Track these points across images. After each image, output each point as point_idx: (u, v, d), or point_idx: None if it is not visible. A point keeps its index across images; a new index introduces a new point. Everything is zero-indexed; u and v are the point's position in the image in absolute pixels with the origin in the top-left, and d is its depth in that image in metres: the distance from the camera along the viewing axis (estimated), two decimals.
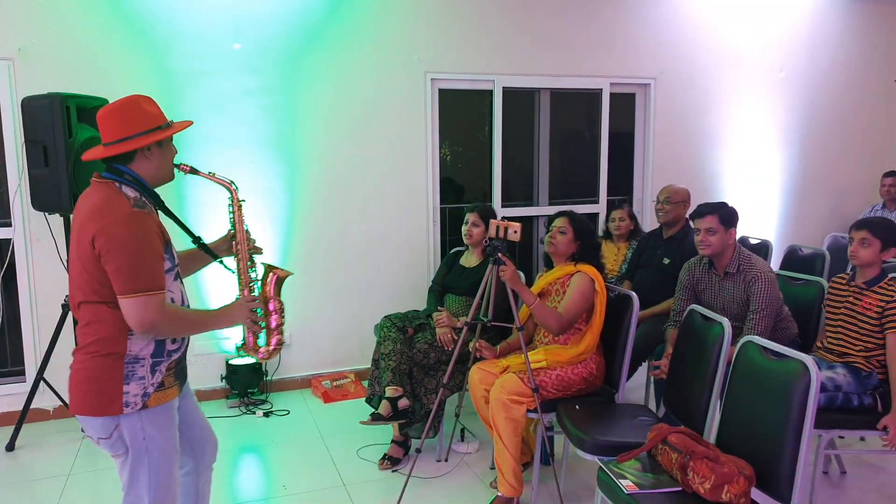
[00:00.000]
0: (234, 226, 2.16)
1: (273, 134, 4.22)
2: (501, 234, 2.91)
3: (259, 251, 2.22)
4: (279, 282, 2.18)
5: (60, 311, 3.63)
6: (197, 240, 2.16)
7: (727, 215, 3.14)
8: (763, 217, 5.64)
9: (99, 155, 1.90)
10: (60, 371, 3.82)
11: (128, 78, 3.89)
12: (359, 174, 4.42)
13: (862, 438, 3.51)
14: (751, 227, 5.32)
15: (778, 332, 3.12)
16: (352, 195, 4.43)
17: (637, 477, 2.21)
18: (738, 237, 4.79)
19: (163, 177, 1.99)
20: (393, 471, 3.32)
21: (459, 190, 5.01)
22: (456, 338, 3.42)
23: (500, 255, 2.91)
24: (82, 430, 3.77)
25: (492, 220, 2.99)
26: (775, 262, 4.70)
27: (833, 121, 5.79)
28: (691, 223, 3.24)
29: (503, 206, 4.85)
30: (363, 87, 4.37)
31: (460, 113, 4.94)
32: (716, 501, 2.07)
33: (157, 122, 1.91)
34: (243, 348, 2.16)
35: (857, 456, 3.41)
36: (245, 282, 2.14)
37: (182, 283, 2.05)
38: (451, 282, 3.75)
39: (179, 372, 2.04)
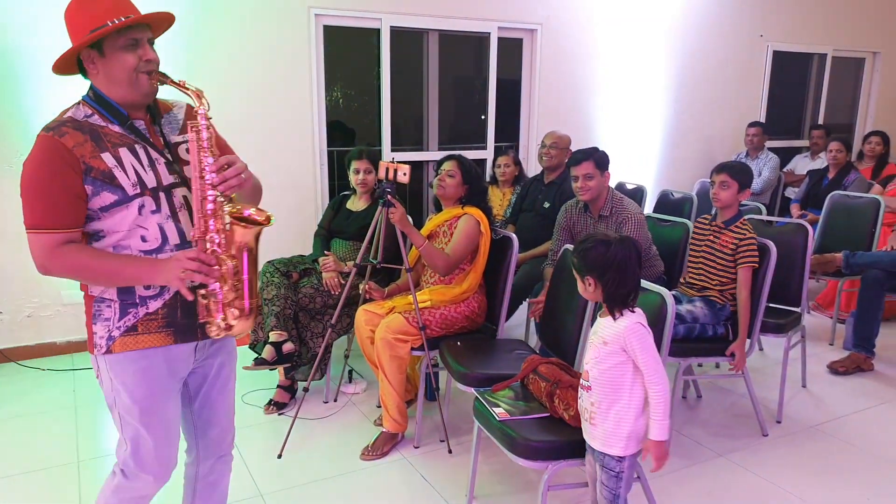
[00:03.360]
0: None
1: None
2: (391, 175, 2.92)
3: (230, 194, 1.64)
4: (240, 240, 1.63)
5: None
6: (171, 156, 1.72)
7: (601, 159, 3.29)
8: (640, 163, 5.94)
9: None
10: None
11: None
12: (238, 114, 4.24)
13: (717, 365, 3.88)
14: (628, 173, 5.60)
15: (646, 271, 3.34)
16: (230, 137, 4.19)
17: (509, 405, 2.34)
18: (615, 183, 5.06)
19: (124, 90, 1.61)
20: (279, 414, 3.33)
21: (351, 133, 4.93)
22: (343, 282, 3.43)
23: (389, 197, 2.93)
24: None
25: (381, 162, 2.99)
26: (649, 206, 5.00)
27: (706, 73, 6.12)
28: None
29: (393, 150, 4.83)
30: (241, 20, 4.15)
31: (350, 54, 4.82)
32: (579, 426, 2.23)
33: (93, 23, 1.54)
34: (202, 317, 1.68)
35: (712, 381, 3.75)
36: (200, 229, 1.62)
37: (172, 217, 1.66)
38: (337, 226, 3.72)
39: (172, 323, 1.70)
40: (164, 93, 1.73)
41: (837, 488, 2.73)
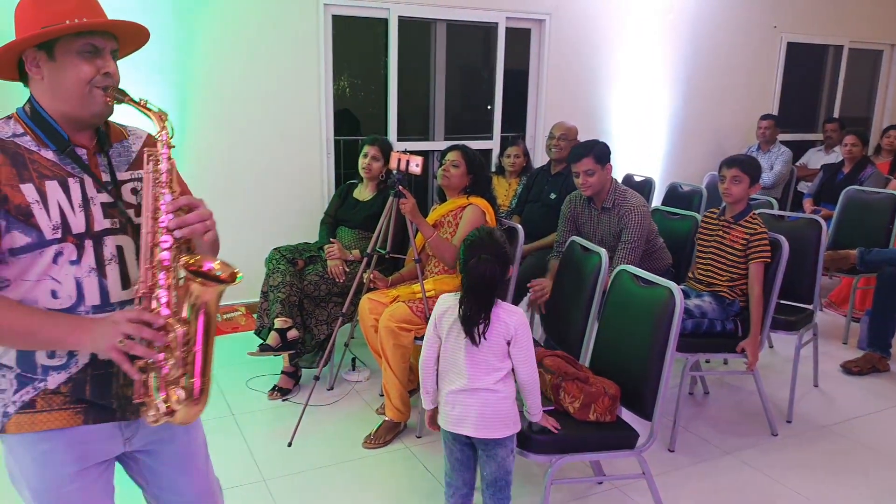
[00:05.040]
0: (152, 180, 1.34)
1: (157, 59, 3.92)
2: (402, 166, 2.89)
3: (189, 242, 1.36)
4: (197, 303, 1.30)
5: None
6: (116, 193, 1.40)
7: (601, 153, 3.22)
8: (648, 155, 5.87)
9: None
10: None
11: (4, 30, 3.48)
12: (248, 103, 4.21)
13: (725, 361, 3.82)
14: (636, 165, 5.53)
15: (653, 263, 3.29)
16: (241, 124, 4.23)
17: None
18: (623, 174, 5.01)
19: (70, 106, 1.32)
20: (283, 400, 3.32)
21: (356, 122, 4.90)
22: (347, 270, 3.42)
23: (400, 187, 2.90)
24: None
25: (393, 152, 2.98)
26: (657, 199, 4.94)
27: (717, 64, 6.03)
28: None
29: (399, 140, 4.79)
30: (252, 11, 4.12)
31: (358, 44, 4.78)
32: (584, 420, 2.20)
33: (48, 20, 1.26)
34: (138, 396, 1.33)
35: (720, 377, 3.70)
36: (147, 283, 1.31)
37: (97, 271, 1.34)
38: (343, 214, 3.71)
39: (82, 399, 1.36)
40: (123, 116, 1.48)
41: (848, 491, 2.68)
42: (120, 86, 1.36)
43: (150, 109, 1.35)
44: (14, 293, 1.31)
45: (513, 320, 1.98)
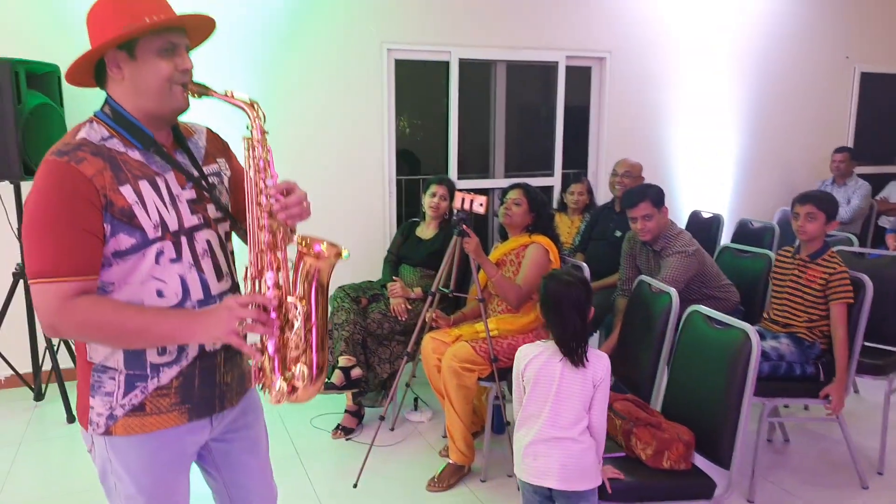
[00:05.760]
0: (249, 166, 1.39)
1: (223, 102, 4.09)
2: (467, 206, 2.92)
3: (291, 225, 1.42)
4: (310, 276, 1.38)
5: (11, 279, 3.55)
6: (207, 185, 1.45)
7: (656, 196, 3.14)
8: (716, 191, 5.71)
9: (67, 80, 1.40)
10: (10, 340, 3.69)
11: (84, 44, 3.72)
12: (313, 144, 4.33)
13: (806, 407, 3.62)
14: (704, 202, 5.40)
15: (719, 302, 3.17)
16: (305, 166, 4.34)
17: None
18: (690, 211, 4.89)
19: (153, 104, 1.35)
20: (346, 439, 3.32)
21: (416, 162, 4.97)
22: (410, 308, 3.43)
23: (464, 227, 2.92)
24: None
25: (457, 192, 3.00)
26: (727, 236, 4.79)
27: (786, 96, 5.86)
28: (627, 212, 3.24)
29: (459, 178, 4.83)
30: (318, 57, 4.27)
31: (419, 85, 4.87)
32: (657, 467, 2.11)
33: (127, 20, 1.29)
34: (257, 380, 1.42)
35: (800, 424, 3.50)
36: (256, 266, 1.38)
37: (195, 266, 1.40)
38: (406, 252, 3.73)
39: (188, 398, 1.42)
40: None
41: None
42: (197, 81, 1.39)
43: (238, 100, 1.39)
44: (119, 296, 1.35)
45: (602, 364, 1.99)
